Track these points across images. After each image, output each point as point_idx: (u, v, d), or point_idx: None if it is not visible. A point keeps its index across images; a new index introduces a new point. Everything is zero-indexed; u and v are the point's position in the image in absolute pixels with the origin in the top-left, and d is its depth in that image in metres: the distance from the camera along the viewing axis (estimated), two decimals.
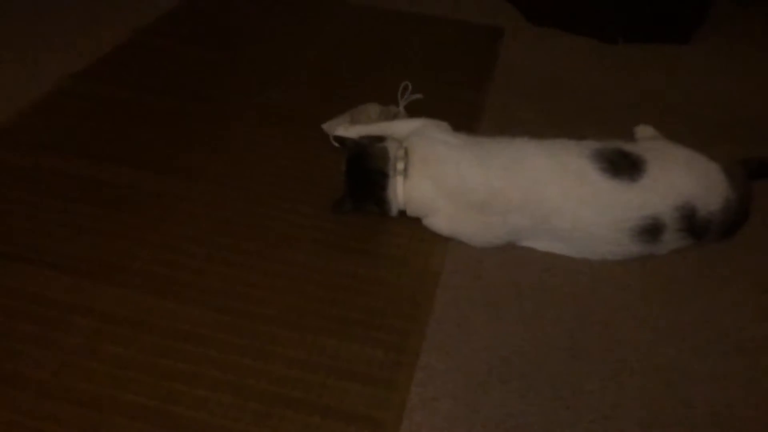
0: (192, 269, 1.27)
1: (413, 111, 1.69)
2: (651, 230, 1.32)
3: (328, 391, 1.07)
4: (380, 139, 1.44)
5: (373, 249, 1.38)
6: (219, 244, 1.34)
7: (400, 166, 1.36)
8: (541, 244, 1.37)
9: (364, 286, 1.27)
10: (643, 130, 1.72)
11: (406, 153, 1.37)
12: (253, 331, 1.16)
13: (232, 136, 1.66)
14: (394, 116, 1.64)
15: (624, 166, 1.33)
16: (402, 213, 1.40)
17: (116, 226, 1.35)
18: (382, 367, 1.11)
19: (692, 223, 1.34)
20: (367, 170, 1.38)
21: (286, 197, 1.47)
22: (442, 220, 1.36)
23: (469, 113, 1.82)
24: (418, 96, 1.67)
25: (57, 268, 1.24)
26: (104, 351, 1.10)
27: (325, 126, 1.66)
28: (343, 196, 1.41)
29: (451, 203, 1.34)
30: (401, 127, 1.49)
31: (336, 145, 1.52)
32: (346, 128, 1.54)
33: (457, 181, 1.33)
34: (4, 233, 1.31)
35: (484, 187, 1.31)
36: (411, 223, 1.41)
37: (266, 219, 1.41)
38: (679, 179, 1.33)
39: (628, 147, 1.39)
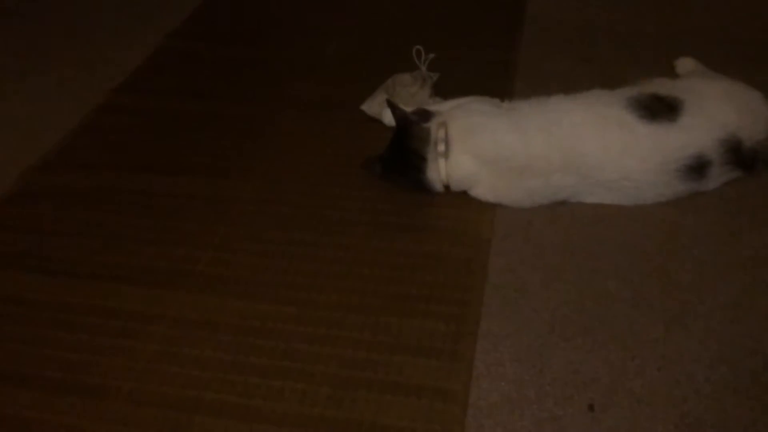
0: (252, 266, 1.32)
1: (445, 75, 1.70)
2: (697, 168, 1.31)
3: (395, 369, 1.11)
4: (428, 114, 1.44)
5: (422, 224, 1.40)
6: (275, 238, 1.38)
7: (441, 147, 1.36)
8: (591, 198, 1.37)
9: (419, 261, 1.30)
10: (684, 64, 1.69)
11: (446, 130, 1.37)
12: (318, 318, 1.20)
13: (274, 132, 1.70)
14: (424, 80, 1.65)
15: (660, 109, 1.31)
16: (447, 188, 1.41)
17: (175, 234, 1.40)
18: (445, 339, 1.14)
19: (739, 156, 1.32)
20: (407, 151, 1.39)
21: (334, 184, 1.50)
22: (486, 189, 1.37)
23: (501, 73, 1.81)
24: (432, 55, 1.68)
25: (127, 280, 1.30)
26: (181, 354, 1.16)
27: (365, 107, 1.68)
28: (377, 158, 1.44)
29: (493, 172, 1.35)
30: (450, 105, 1.49)
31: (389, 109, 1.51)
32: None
33: (495, 149, 1.33)
34: (72, 254, 1.38)
35: (522, 152, 1.31)
36: (456, 193, 1.42)
37: (317, 208, 1.44)
38: (719, 113, 1.31)
39: (662, 90, 1.37)
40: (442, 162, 1.37)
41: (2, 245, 1.41)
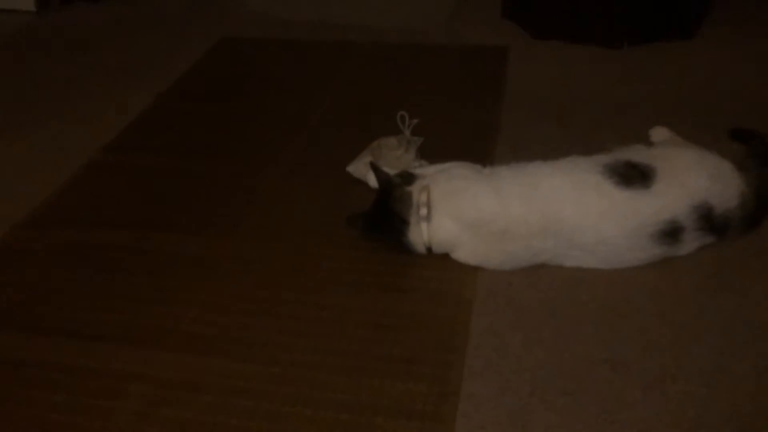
0: (237, 325, 1.32)
1: (427, 140, 1.74)
2: (671, 233, 1.35)
3: (378, 431, 1.10)
4: (412, 177, 1.47)
5: (405, 284, 1.42)
6: (260, 297, 1.39)
7: (423, 212, 1.39)
8: (570, 261, 1.40)
9: (402, 321, 1.31)
10: (658, 133, 1.75)
11: (428, 194, 1.40)
12: (301, 379, 1.20)
13: (262, 189, 1.73)
14: (408, 143, 1.69)
15: (634, 176, 1.36)
16: (429, 250, 1.43)
17: (160, 292, 1.41)
18: (426, 401, 1.15)
19: (711, 222, 1.36)
20: (390, 213, 1.42)
21: (318, 244, 1.52)
22: (467, 252, 1.40)
23: (482, 137, 1.87)
24: (416, 121, 1.71)
25: (109, 339, 1.30)
26: (161, 415, 1.15)
27: (351, 168, 1.72)
28: (360, 216, 1.46)
29: (474, 236, 1.38)
30: (434, 169, 1.53)
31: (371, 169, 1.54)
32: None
33: (475, 213, 1.37)
34: (54, 311, 1.37)
35: (502, 216, 1.35)
36: (439, 255, 1.44)
37: (302, 267, 1.46)
38: (690, 181, 1.36)
39: (637, 157, 1.42)
40: (424, 225, 1.39)
41: None
